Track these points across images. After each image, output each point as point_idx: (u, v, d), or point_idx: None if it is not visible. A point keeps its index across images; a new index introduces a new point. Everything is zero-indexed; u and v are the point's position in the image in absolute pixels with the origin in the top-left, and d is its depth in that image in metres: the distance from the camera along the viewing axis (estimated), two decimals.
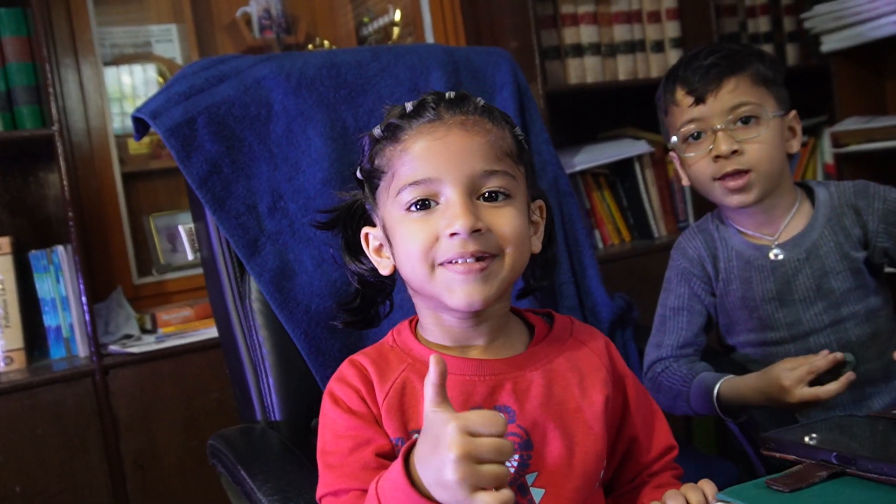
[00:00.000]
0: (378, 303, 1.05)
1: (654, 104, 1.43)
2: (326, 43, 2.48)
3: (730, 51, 1.32)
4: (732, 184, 1.29)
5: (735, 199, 1.31)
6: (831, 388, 1.14)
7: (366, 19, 2.58)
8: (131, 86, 2.27)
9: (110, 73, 2.23)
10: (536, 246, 0.97)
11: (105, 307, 2.02)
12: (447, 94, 0.94)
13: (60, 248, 1.90)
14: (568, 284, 1.57)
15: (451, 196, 0.88)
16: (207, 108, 1.30)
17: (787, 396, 1.15)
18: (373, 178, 0.95)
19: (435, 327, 0.96)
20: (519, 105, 1.55)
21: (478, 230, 0.87)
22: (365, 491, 0.84)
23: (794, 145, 1.34)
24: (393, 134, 0.92)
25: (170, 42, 2.32)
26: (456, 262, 0.88)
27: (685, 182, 1.40)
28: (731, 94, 1.28)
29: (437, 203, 0.89)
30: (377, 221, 0.97)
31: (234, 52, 2.36)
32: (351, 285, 1.05)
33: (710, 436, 2.15)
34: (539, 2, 2.27)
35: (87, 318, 1.81)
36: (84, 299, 1.82)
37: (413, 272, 0.91)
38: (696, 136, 1.32)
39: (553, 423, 0.91)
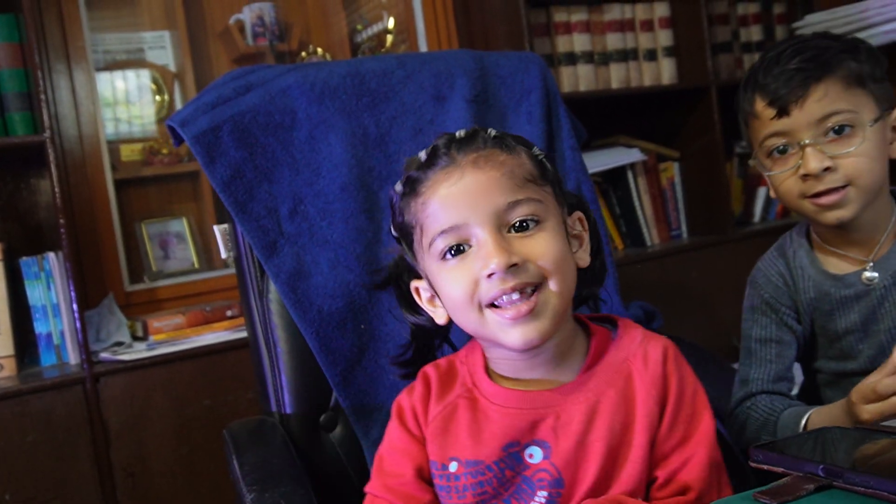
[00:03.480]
0: (436, 346, 1.06)
1: (652, 112, 1.37)
2: (319, 50, 2.48)
3: (817, 50, 1.13)
4: (826, 200, 1.12)
5: (830, 217, 1.14)
6: None
7: (359, 26, 2.58)
8: (124, 92, 2.27)
9: (103, 80, 2.22)
10: (583, 259, 0.95)
11: (96, 314, 2.01)
12: (457, 134, 0.93)
13: (52, 255, 1.89)
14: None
15: (480, 236, 0.87)
16: (233, 116, 1.35)
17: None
18: (406, 235, 0.96)
19: (497, 358, 0.96)
20: (546, 110, 1.56)
21: (514, 265, 0.85)
22: None
23: None
24: (413, 188, 0.92)
25: (163, 49, 2.32)
26: (502, 303, 0.87)
27: (774, 195, 1.23)
28: (820, 102, 1.11)
29: (470, 246, 0.88)
30: (422, 274, 0.97)
31: (227, 59, 2.37)
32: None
33: None
34: (532, 10, 2.27)
35: (78, 325, 1.81)
36: (75, 306, 1.81)
37: (464, 319, 0.91)
38: (782, 151, 1.15)
39: (589, 461, 0.89)
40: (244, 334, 1.48)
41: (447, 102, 1.45)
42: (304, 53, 2.46)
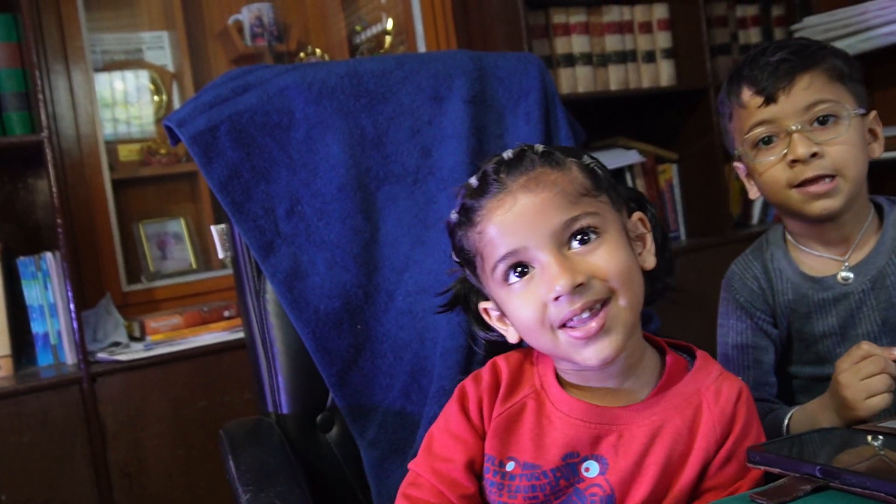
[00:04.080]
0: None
1: (651, 114, 1.37)
2: (318, 51, 2.48)
3: (799, 45, 1.17)
4: (815, 189, 1.13)
5: (818, 206, 1.14)
6: None
7: (358, 28, 2.58)
8: (123, 92, 2.27)
9: (101, 80, 2.22)
10: (649, 262, 0.95)
11: (93, 314, 2.01)
12: (505, 156, 0.92)
13: (49, 255, 1.89)
14: None
15: (543, 259, 0.87)
16: (230, 116, 1.35)
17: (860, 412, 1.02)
18: (468, 261, 0.95)
19: (567, 369, 0.95)
20: (544, 111, 1.55)
21: (580, 285, 0.85)
22: (439, 492, 0.91)
23: (877, 149, 1.19)
24: (468, 217, 0.92)
25: (161, 49, 2.32)
26: (573, 324, 0.86)
27: (753, 195, 1.24)
28: (806, 91, 1.13)
29: (534, 267, 0.88)
30: (489, 296, 0.97)
31: (226, 59, 2.37)
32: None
33: None
34: (531, 11, 2.27)
35: (75, 325, 1.81)
36: (72, 306, 1.81)
37: (537, 341, 0.91)
38: (767, 141, 1.16)
39: (642, 483, 0.89)
40: (241, 335, 1.48)
41: (445, 103, 1.45)
42: (302, 54, 2.46)
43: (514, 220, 0.87)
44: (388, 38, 2.55)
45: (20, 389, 1.72)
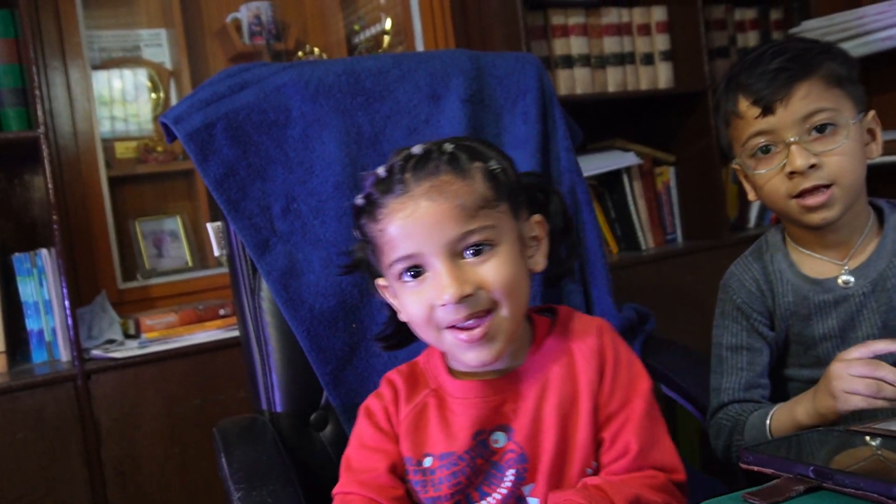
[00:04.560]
0: (406, 327, 1.08)
1: (648, 116, 1.37)
2: (317, 50, 2.48)
3: (797, 50, 1.15)
4: (812, 201, 1.13)
5: (816, 217, 1.14)
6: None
7: (357, 27, 2.58)
8: (121, 90, 2.27)
9: (99, 77, 2.22)
10: (540, 264, 1.00)
11: (88, 311, 2.01)
12: (414, 151, 0.95)
13: (44, 252, 1.89)
14: (576, 293, 1.57)
15: (435, 266, 0.92)
16: (227, 113, 1.35)
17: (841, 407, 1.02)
18: (367, 244, 1.00)
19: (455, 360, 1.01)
20: (542, 111, 1.56)
21: (468, 295, 0.90)
22: (371, 499, 0.95)
23: (875, 150, 1.18)
24: (371, 210, 0.96)
25: (159, 46, 2.32)
26: (459, 327, 0.92)
27: (752, 197, 1.23)
28: (804, 100, 1.12)
29: (427, 270, 0.93)
30: (385, 276, 1.01)
31: (224, 57, 2.37)
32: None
33: (695, 450, 2.15)
34: (530, 12, 2.27)
35: (70, 322, 1.80)
36: (67, 303, 1.81)
37: (423, 334, 0.97)
38: (766, 151, 1.16)
39: (546, 434, 0.95)
40: (237, 333, 1.48)
41: (442, 102, 1.45)
42: (300, 53, 2.46)
43: (414, 226, 0.92)
44: (386, 38, 2.55)
45: (14, 386, 1.72)
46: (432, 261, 0.92)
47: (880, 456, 0.84)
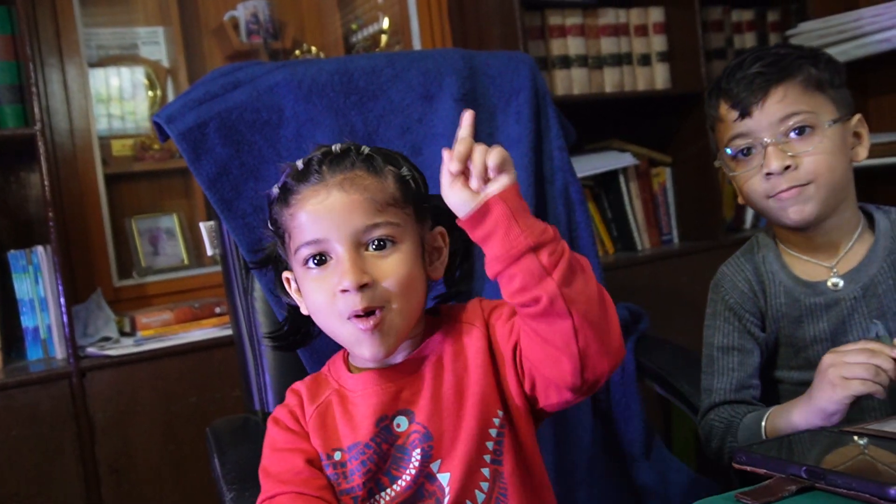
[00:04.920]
0: (303, 328, 1.12)
1: (645, 117, 1.38)
2: (314, 49, 2.48)
3: (776, 57, 1.19)
4: (787, 195, 1.15)
5: (792, 213, 1.16)
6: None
7: (354, 26, 2.58)
8: (118, 88, 2.27)
9: (96, 75, 2.22)
10: (438, 272, 1.05)
11: (84, 309, 2.01)
12: (333, 148, 1.00)
13: (40, 249, 1.88)
14: None
15: (339, 253, 0.96)
16: (219, 113, 1.35)
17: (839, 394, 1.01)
18: (278, 234, 1.03)
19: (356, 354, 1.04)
20: (535, 110, 1.56)
21: (365, 284, 0.94)
22: (298, 493, 0.96)
23: (861, 153, 1.20)
24: (285, 198, 1.00)
25: (156, 44, 2.32)
26: (357, 315, 0.95)
27: (740, 200, 1.26)
28: (780, 104, 1.15)
29: (331, 258, 0.97)
30: (291, 268, 1.05)
31: (221, 56, 2.37)
32: None
33: (690, 450, 2.15)
34: (527, 13, 2.27)
35: (65, 319, 1.80)
36: (62, 301, 1.80)
37: (324, 325, 1.01)
38: (746, 153, 1.19)
39: (446, 410, 0.99)
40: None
41: (435, 101, 1.45)
42: (298, 52, 2.46)
43: (324, 213, 0.96)
44: (384, 38, 2.55)
45: (9, 383, 1.72)
46: (336, 247, 0.96)
47: (872, 456, 0.84)
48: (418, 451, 0.98)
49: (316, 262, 0.98)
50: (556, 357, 0.89)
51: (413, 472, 0.97)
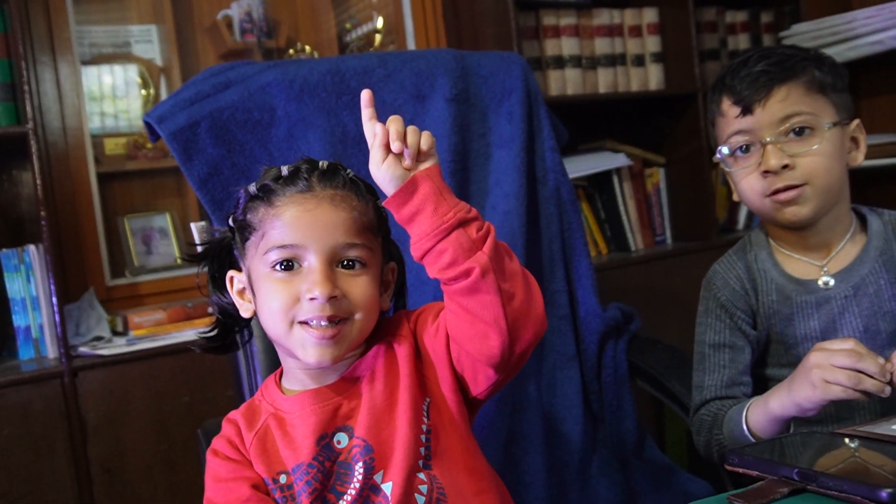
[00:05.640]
0: (236, 331, 1.14)
1: (639, 117, 1.39)
2: (307, 48, 2.48)
3: (782, 56, 1.20)
4: (784, 196, 1.17)
5: (788, 214, 1.18)
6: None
7: (348, 25, 2.58)
8: (111, 86, 2.26)
9: (89, 73, 2.21)
10: (385, 303, 1.08)
11: (76, 308, 2.00)
12: (320, 164, 1.03)
13: (32, 248, 1.88)
14: (561, 293, 1.57)
15: (314, 263, 0.98)
16: (211, 112, 1.35)
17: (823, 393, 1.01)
18: (244, 231, 1.03)
19: (295, 370, 1.05)
20: (527, 110, 1.56)
21: (334, 297, 0.97)
22: None
23: (858, 157, 1.22)
24: (268, 196, 1.01)
25: (150, 43, 2.31)
26: (313, 324, 0.98)
27: (736, 197, 1.28)
28: (782, 103, 1.17)
29: (301, 266, 0.99)
30: (243, 268, 1.05)
31: (215, 54, 2.36)
32: None
33: (683, 450, 2.15)
34: (521, 13, 2.27)
35: (58, 318, 1.79)
36: (55, 300, 1.80)
37: (273, 326, 1.01)
38: (745, 150, 1.20)
39: (383, 421, 1.00)
40: None
41: (428, 102, 1.45)
42: (291, 51, 2.46)
43: (309, 220, 0.98)
44: (378, 37, 2.55)
45: (1, 383, 1.71)
46: (311, 257, 0.98)
47: (864, 459, 0.85)
48: (360, 464, 0.99)
49: (283, 266, 0.99)
50: (484, 331, 0.93)
51: (357, 485, 0.98)
